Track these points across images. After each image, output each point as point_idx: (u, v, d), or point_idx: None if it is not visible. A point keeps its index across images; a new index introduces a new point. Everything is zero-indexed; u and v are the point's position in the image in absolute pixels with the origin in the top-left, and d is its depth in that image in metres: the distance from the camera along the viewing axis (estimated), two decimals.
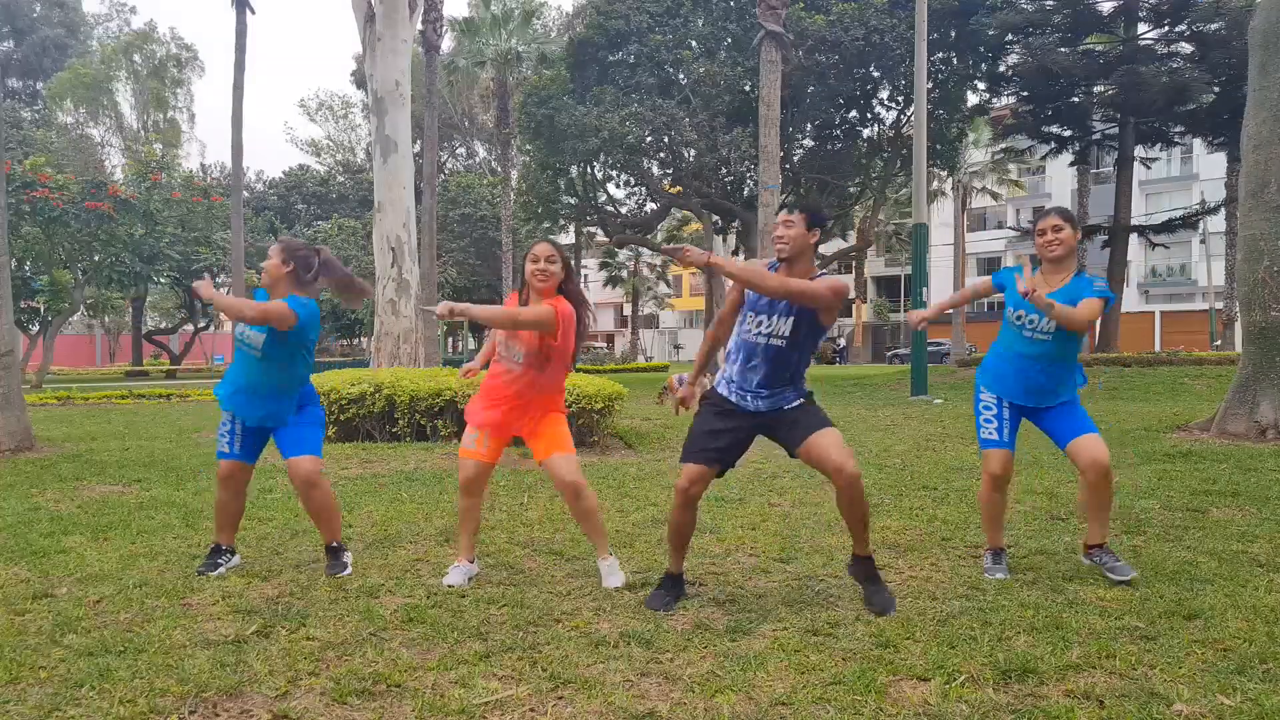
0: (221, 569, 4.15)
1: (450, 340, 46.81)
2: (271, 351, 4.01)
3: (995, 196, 45.74)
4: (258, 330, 3.99)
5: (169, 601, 3.67)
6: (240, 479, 4.20)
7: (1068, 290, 3.87)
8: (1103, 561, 3.96)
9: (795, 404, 3.55)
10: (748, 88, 22.03)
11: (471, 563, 4.04)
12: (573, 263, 4.01)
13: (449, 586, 3.86)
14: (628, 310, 58.84)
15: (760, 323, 3.52)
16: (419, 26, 18.44)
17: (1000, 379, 4.04)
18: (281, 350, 4.01)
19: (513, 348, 3.88)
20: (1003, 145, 31.85)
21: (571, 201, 26.91)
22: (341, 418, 9.01)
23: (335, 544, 4.23)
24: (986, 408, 4.07)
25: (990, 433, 4.05)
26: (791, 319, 3.48)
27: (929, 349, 24.47)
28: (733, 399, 3.58)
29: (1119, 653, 2.97)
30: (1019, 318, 3.96)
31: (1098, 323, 4.11)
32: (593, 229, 33.55)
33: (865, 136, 24.71)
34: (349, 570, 4.15)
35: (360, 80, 41.22)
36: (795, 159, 24.34)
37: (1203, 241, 41.80)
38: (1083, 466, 3.88)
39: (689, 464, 3.59)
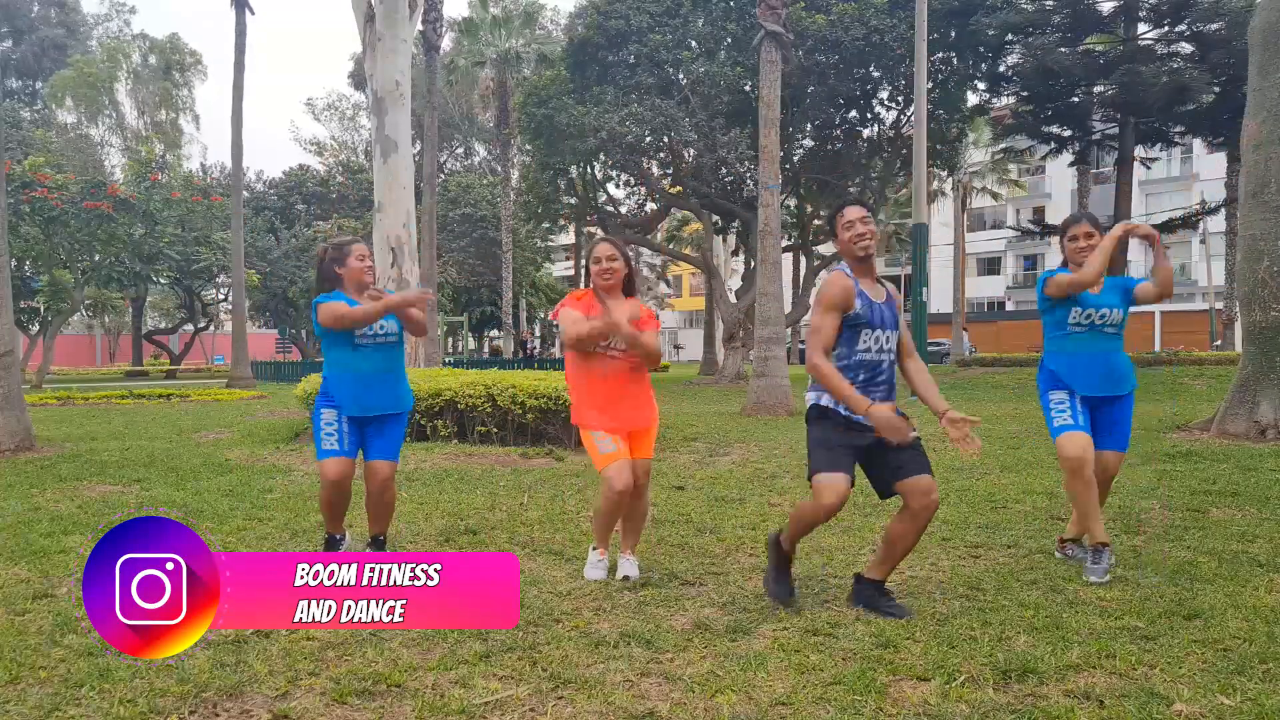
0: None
1: (450, 340, 46.79)
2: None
3: (995, 196, 45.67)
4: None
5: None
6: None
7: (1108, 284, 4.15)
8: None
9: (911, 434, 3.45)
10: (747, 88, 22.00)
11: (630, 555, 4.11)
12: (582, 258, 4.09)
13: (625, 579, 3.91)
14: None
15: (877, 338, 3.53)
16: (419, 26, 18.42)
17: (1075, 376, 4.07)
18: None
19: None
20: (1003, 145, 31.71)
21: (571, 201, 26.91)
22: None
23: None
24: (1059, 402, 4.08)
25: (1065, 419, 4.03)
26: (896, 333, 3.60)
27: (929, 349, 24.48)
28: (854, 417, 3.46)
29: (1119, 653, 2.97)
30: (1089, 316, 4.08)
31: None
32: (593, 229, 33.51)
33: (865, 136, 24.67)
34: None
35: (358, 81, 41.20)
36: (795, 159, 24.30)
37: (1203, 241, 41.81)
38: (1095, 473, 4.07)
39: (841, 475, 3.38)
